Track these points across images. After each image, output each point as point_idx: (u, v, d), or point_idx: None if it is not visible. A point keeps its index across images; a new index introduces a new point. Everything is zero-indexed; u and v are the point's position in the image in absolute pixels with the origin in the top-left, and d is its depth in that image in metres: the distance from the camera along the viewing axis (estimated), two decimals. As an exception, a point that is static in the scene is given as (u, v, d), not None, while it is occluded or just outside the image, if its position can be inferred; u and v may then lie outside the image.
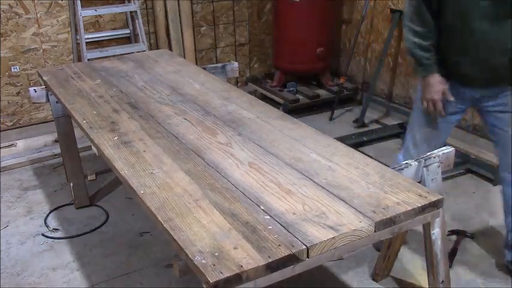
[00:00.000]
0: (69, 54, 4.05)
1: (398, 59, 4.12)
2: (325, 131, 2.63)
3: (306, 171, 1.74)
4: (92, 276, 2.46)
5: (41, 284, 2.42)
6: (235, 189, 1.64)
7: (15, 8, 3.76)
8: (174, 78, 2.73)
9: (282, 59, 4.42)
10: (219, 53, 4.67)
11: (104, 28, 4.13)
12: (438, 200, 1.58)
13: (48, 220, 2.92)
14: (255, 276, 1.29)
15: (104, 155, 1.93)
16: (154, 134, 2.05)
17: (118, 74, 2.80)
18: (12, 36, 3.80)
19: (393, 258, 2.32)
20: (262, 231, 1.41)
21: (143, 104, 2.38)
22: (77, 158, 2.94)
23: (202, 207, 1.54)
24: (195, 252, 1.34)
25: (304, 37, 4.22)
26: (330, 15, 4.36)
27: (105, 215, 2.95)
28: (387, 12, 4.10)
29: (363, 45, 4.44)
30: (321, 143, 1.94)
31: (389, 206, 1.52)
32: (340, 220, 1.46)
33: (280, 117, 2.20)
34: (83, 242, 2.72)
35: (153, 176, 1.72)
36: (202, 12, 4.46)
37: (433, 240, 1.92)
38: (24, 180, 3.35)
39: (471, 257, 2.54)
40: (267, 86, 4.51)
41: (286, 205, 1.54)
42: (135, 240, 2.73)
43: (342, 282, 2.39)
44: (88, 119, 2.22)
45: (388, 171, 1.72)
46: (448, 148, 1.89)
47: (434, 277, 1.99)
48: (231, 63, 3.05)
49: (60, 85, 2.63)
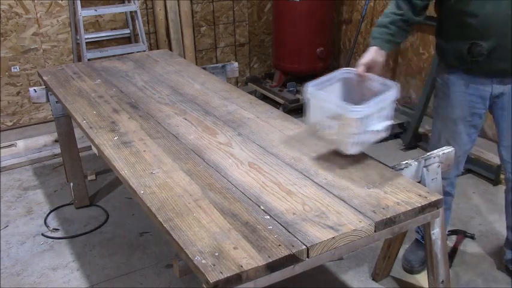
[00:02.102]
0: (69, 54, 4.05)
1: (398, 59, 4.12)
2: (325, 131, 2.63)
3: (306, 171, 1.74)
4: (92, 276, 2.46)
5: (41, 284, 2.42)
6: (235, 189, 1.64)
7: (15, 8, 3.76)
8: (174, 78, 2.73)
9: (282, 59, 4.42)
10: (219, 53, 4.67)
11: (104, 28, 4.13)
12: (438, 200, 1.58)
13: (48, 220, 2.92)
14: (255, 276, 1.29)
15: (104, 155, 1.93)
16: (154, 134, 2.05)
17: (118, 74, 2.80)
18: (12, 36, 3.81)
19: (393, 258, 2.32)
20: (262, 231, 1.41)
21: (143, 104, 2.38)
22: (77, 158, 2.94)
23: (202, 207, 1.54)
24: (195, 252, 1.34)
25: (304, 37, 4.22)
26: (330, 15, 4.36)
27: (105, 215, 2.95)
28: (387, 12, 4.10)
29: (362, 45, 4.44)
30: (321, 143, 1.94)
31: (389, 206, 1.52)
32: (340, 220, 1.46)
33: (280, 117, 2.20)
34: (83, 242, 2.72)
35: (153, 176, 1.72)
36: (202, 12, 4.46)
37: (433, 240, 1.92)
38: (24, 180, 3.35)
39: (471, 257, 2.54)
40: (267, 86, 4.51)
41: (286, 205, 1.54)
42: (135, 240, 2.73)
43: (342, 282, 2.39)
44: (88, 119, 2.22)
45: (388, 171, 1.73)
46: (448, 148, 1.89)
47: (435, 277, 1.99)
48: (231, 63, 3.05)
49: (60, 85, 2.64)
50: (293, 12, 4.16)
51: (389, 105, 1.77)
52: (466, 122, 2.15)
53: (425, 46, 3.85)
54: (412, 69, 4.00)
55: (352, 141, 1.72)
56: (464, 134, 2.17)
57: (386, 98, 1.75)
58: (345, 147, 1.76)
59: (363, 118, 1.67)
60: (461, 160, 2.24)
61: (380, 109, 1.73)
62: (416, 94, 3.99)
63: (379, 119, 1.74)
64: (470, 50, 1.97)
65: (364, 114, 1.66)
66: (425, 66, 3.86)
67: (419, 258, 2.41)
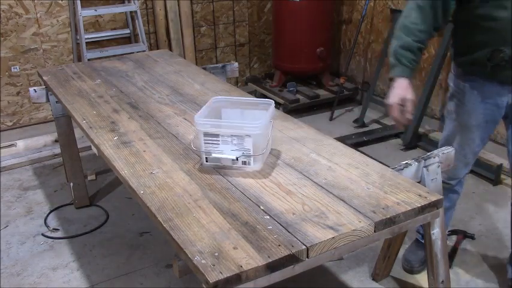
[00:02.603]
0: (69, 54, 4.05)
1: (398, 59, 4.12)
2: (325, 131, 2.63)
3: (306, 171, 1.74)
4: (92, 276, 2.46)
5: (41, 284, 2.42)
6: (235, 189, 1.64)
7: (15, 8, 3.76)
8: (174, 78, 2.73)
9: (282, 59, 4.42)
10: (219, 53, 4.67)
11: (104, 28, 4.13)
12: (438, 200, 1.57)
13: (48, 220, 2.92)
14: (255, 276, 1.29)
15: (104, 155, 1.93)
16: (154, 134, 2.05)
17: (118, 74, 2.80)
18: (12, 36, 3.81)
19: (393, 258, 2.32)
20: (262, 231, 1.41)
21: (143, 104, 2.38)
22: (77, 158, 2.94)
23: (202, 207, 1.54)
24: (195, 252, 1.34)
25: (304, 37, 4.22)
26: (330, 15, 4.36)
27: (105, 215, 2.96)
28: (387, 12, 4.10)
29: (362, 45, 4.44)
30: (321, 143, 1.94)
31: (389, 206, 1.52)
32: (340, 220, 1.46)
33: (280, 117, 2.20)
34: (83, 242, 2.72)
35: (152, 176, 1.72)
36: (202, 12, 4.46)
37: (433, 240, 1.92)
38: (24, 180, 3.35)
39: (471, 257, 2.54)
40: (267, 86, 4.52)
41: (286, 205, 1.54)
42: (135, 240, 2.73)
43: (342, 282, 2.39)
44: (88, 119, 2.22)
45: (388, 171, 1.72)
46: (448, 148, 1.89)
47: (435, 277, 1.99)
48: (231, 63, 3.05)
49: (60, 85, 2.63)
50: (293, 12, 4.16)
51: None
52: (480, 128, 2.10)
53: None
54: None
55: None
56: (478, 139, 2.13)
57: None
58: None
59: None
60: (471, 161, 2.22)
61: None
62: (416, 94, 3.98)
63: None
64: (492, 57, 1.86)
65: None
66: (425, 66, 3.86)
67: (419, 258, 2.41)
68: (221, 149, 1.73)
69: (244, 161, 1.73)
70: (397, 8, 3.96)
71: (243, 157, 1.72)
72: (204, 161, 1.77)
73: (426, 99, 3.62)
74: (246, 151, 1.72)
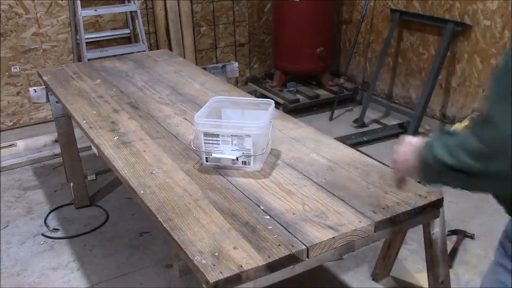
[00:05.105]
0: (69, 54, 4.05)
1: (398, 59, 4.12)
2: (325, 131, 2.63)
3: (306, 171, 1.74)
4: (92, 276, 2.46)
5: (41, 284, 2.42)
6: (235, 189, 1.64)
7: (15, 8, 3.76)
8: (174, 78, 2.73)
9: (282, 59, 4.42)
10: (219, 53, 4.67)
11: (104, 28, 4.13)
12: (438, 200, 1.58)
13: (48, 220, 2.92)
14: (255, 276, 1.29)
15: (104, 155, 1.93)
16: (154, 134, 2.05)
17: (118, 74, 2.81)
18: (12, 36, 3.80)
19: (393, 258, 2.32)
20: (262, 231, 1.41)
21: (143, 104, 2.38)
22: (77, 158, 2.94)
23: (202, 207, 1.54)
24: (195, 252, 1.34)
25: (304, 37, 4.22)
26: (330, 15, 4.36)
27: (105, 215, 2.95)
28: (387, 12, 4.10)
29: (362, 45, 4.44)
30: (321, 143, 1.94)
31: (389, 206, 1.52)
32: (340, 220, 1.46)
33: (280, 117, 2.20)
34: (83, 242, 2.72)
35: (153, 176, 1.72)
36: (202, 12, 4.46)
37: (433, 240, 1.91)
38: (24, 180, 3.35)
39: (471, 257, 2.54)
40: (267, 86, 4.51)
41: (286, 205, 1.54)
42: (135, 240, 2.73)
43: (341, 282, 2.39)
44: (88, 119, 2.22)
45: (388, 171, 1.72)
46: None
47: (435, 277, 1.99)
48: (231, 63, 3.05)
49: (60, 85, 2.64)
50: (293, 12, 4.16)
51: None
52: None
53: (425, 46, 3.85)
54: (412, 69, 4.00)
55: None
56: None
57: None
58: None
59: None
60: None
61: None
62: (416, 94, 3.99)
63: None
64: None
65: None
66: (425, 66, 3.86)
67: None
68: (221, 149, 1.73)
69: (244, 161, 1.73)
70: (397, 8, 3.96)
71: (243, 157, 1.72)
72: (204, 161, 1.77)
73: (426, 99, 3.62)
74: (246, 151, 1.72)
